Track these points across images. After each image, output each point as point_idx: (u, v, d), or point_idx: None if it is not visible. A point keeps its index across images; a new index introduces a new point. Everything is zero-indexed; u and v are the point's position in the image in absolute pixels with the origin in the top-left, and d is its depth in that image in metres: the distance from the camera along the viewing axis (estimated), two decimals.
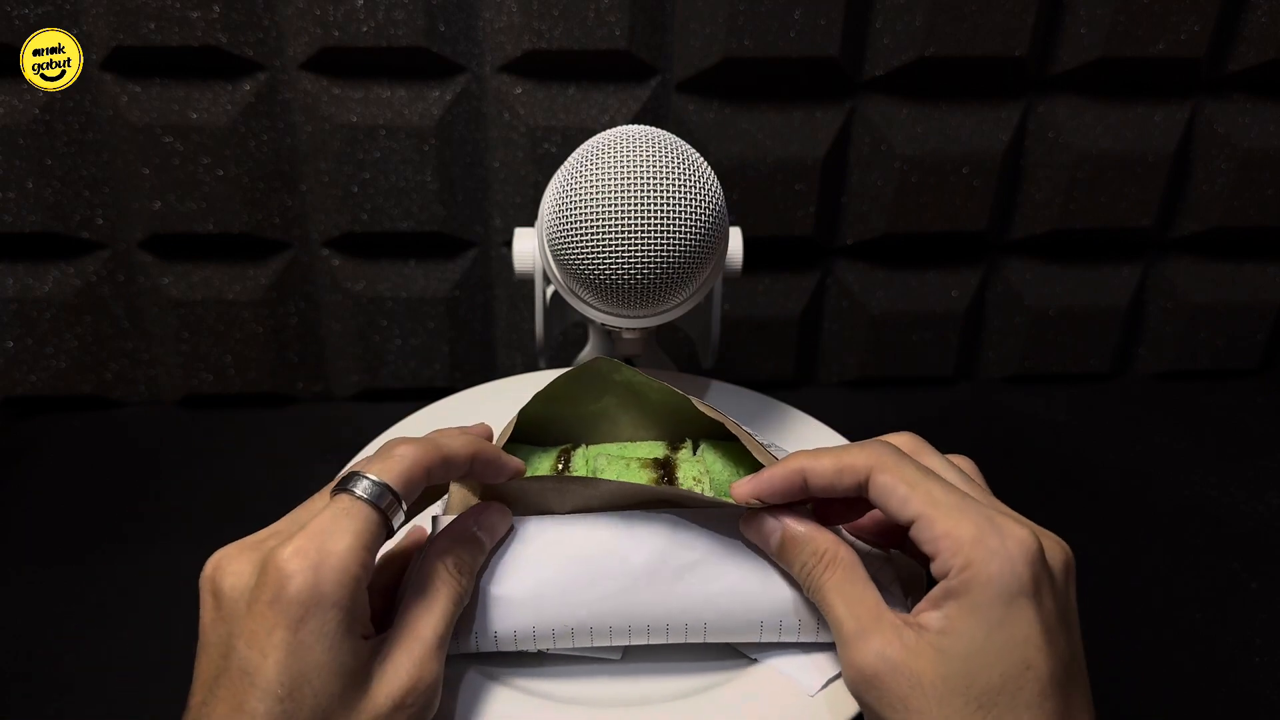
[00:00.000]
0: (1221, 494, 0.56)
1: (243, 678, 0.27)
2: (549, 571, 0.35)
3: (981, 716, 0.28)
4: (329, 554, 0.28)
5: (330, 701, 0.28)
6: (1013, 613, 0.29)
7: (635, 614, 0.35)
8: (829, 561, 0.32)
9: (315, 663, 0.28)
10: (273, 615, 0.28)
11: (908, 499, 0.31)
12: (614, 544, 0.34)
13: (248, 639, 0.28)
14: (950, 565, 0.29)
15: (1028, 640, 0.29)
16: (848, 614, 0.31)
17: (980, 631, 0.29)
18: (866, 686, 0.30)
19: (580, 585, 0.34)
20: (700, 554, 0.35)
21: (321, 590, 0.28)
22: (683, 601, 0.35)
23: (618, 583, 0.34)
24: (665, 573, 0.34)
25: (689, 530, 0.35)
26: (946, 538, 0.30)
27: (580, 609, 0.34)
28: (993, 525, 0.30)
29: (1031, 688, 0.28)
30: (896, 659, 0.29)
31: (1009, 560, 0.29)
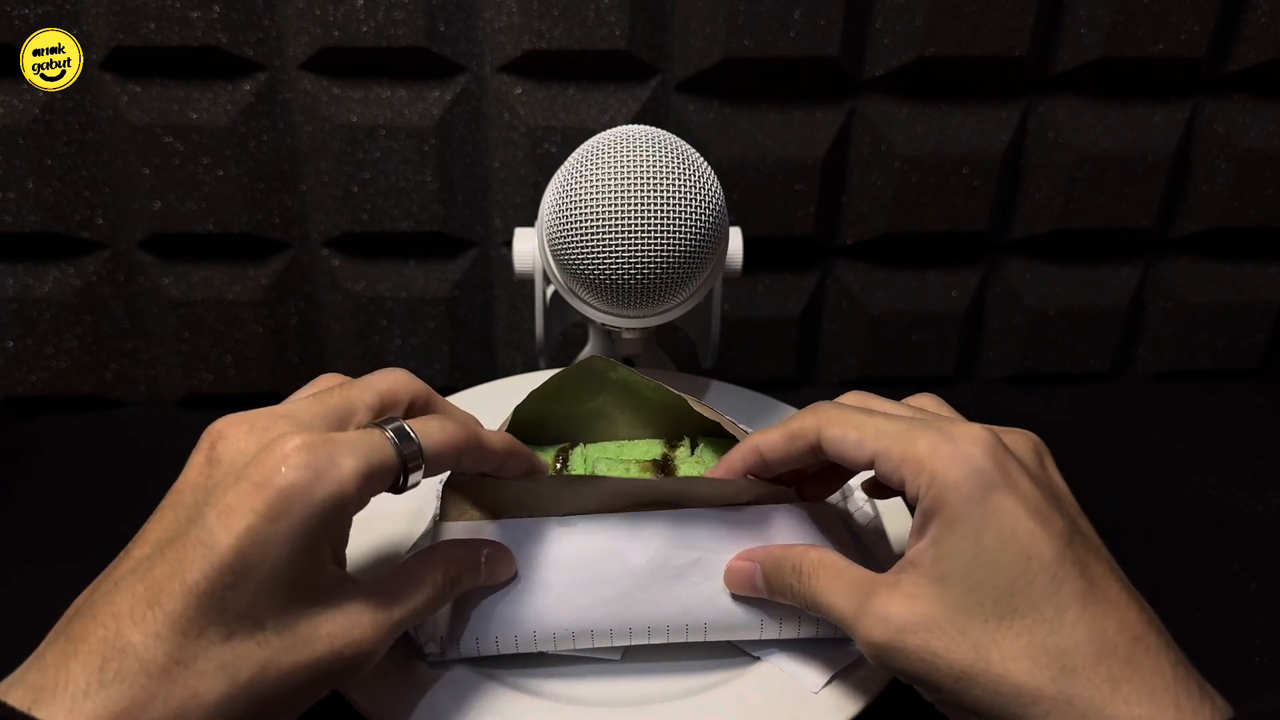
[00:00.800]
0: (1221, 494, 0.56)
1: (197, 546, 0.26)
2: (549, 575, 0.35)
3: (1008, 626, 0.27)
4: (334, 465, 0.27)
5: (270, 604, 0.26)
6: (991, 509, 0.28)
7: (636, 615, 0.35)
8: (807, 570, 0.32)
9: (272, 559, 0.26)
10: (255, 497, 0.26)
11: (860, 442, 0.31)
12: (614, 546, 0.35)
13: (220, 510, 0.26)
14: (917, 486, 0.29)
15: (1016, 531, 0.28)
16: (842, 602, 0.30)
17: (968, 542, 0.28)
18: (888, 658, 0.29)
19: (580, 588, 0.34)
20: (700, 554, 0.35)
21: (311, 494, 0.27)
22: (684, 602, 0.35)
23: (618, 585, 0.34)
24: (665, 574, 0.35)
25: (689, 531, 0.35)
26: (905, 462, 0.29)
27: (581, 611, 0.34)
28: (944, 434, 0.29)
29: (1040, 577, 0.27)
30: (901, 616, 0.29)
31: (967, 459, 0.28)
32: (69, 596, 0.28)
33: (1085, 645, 0.27)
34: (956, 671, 0.27)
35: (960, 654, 0.27)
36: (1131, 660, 0.26)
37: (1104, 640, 0.27)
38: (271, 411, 0.30)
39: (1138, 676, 0.26)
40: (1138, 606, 0.28)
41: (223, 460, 0.29)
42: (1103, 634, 0.27)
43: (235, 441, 0.29)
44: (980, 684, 0.27)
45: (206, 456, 0.29)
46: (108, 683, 0.24)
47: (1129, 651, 0.27)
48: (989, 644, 0.27)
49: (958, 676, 0.27)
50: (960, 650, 0.27)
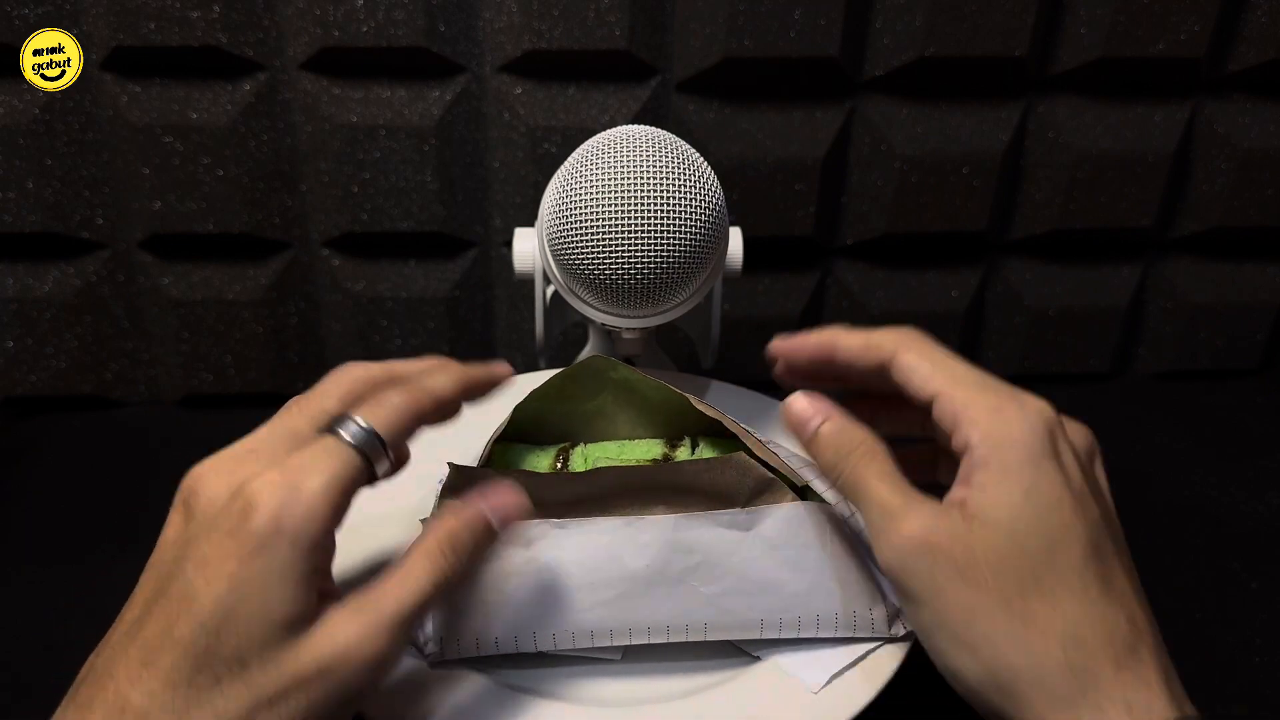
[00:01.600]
0: (1221, 494, 0.56)
1: (180, 601, 0.26)
2: (549, 577, 0.35)
3: (1034, 584, 0.28)
4: (300, 490, 0.27)
5: (252, 644, 0.26)
6: (1041, 475, 0.29)
7: (636, 617, 0.35)
8: (870, 451, 0.31)
9: (253, 600, 0.26)
10: (229, 544, 0.27)
11: (931, 376, 0.31)
12: (614, 550, 0.34)
13: (197, 563, 0.27)
14: (970, 436, 0.30)
15: (1061, 502, 0.29)
16: (892, 492, 0.30)
17: (1017, 495, 0.29)
18: (920, 555, 0.29)
19: (580, 591, 0.34)
20: (701, 557, 0.35)
21: (282, 525, 0.27)
22: (683, 604, 0.35)
23: (617, 588, 0.34)
24: (665, 578, 0.35)
25: (689, 533, 0.35)
26: (967, 409, 0.30)
27: (580, 613, 0.34)
28: (1013, 396, 0.30)
29: (1076, 548, 0.28)
30: (950, 529, 0.29)
31: (1029, 424, 0.29)
32: (69, 596, 0.29)
33: (1098, 624, 0.27)
34: (974, 608, 0.28)
35: (984, 595, 0.28)
36: (1134, 651, 0.27)
37: (1114, 627, 0.28)
38: (237, 450, 0.30)
39: (1138, 666, 0.27)
40: (1145, 610, 0.29)
41: (196, 513, 0.29)
42: (1115, 621, 0.28)
43: (208, 491, 0.29)
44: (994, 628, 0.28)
45: (183, 512, 0.30)
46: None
47: (1133, 644, 0.28)
48: (1015, 594, 0.28)
49: (971, 613, 0.28)
50: (986, 591, 0.28)
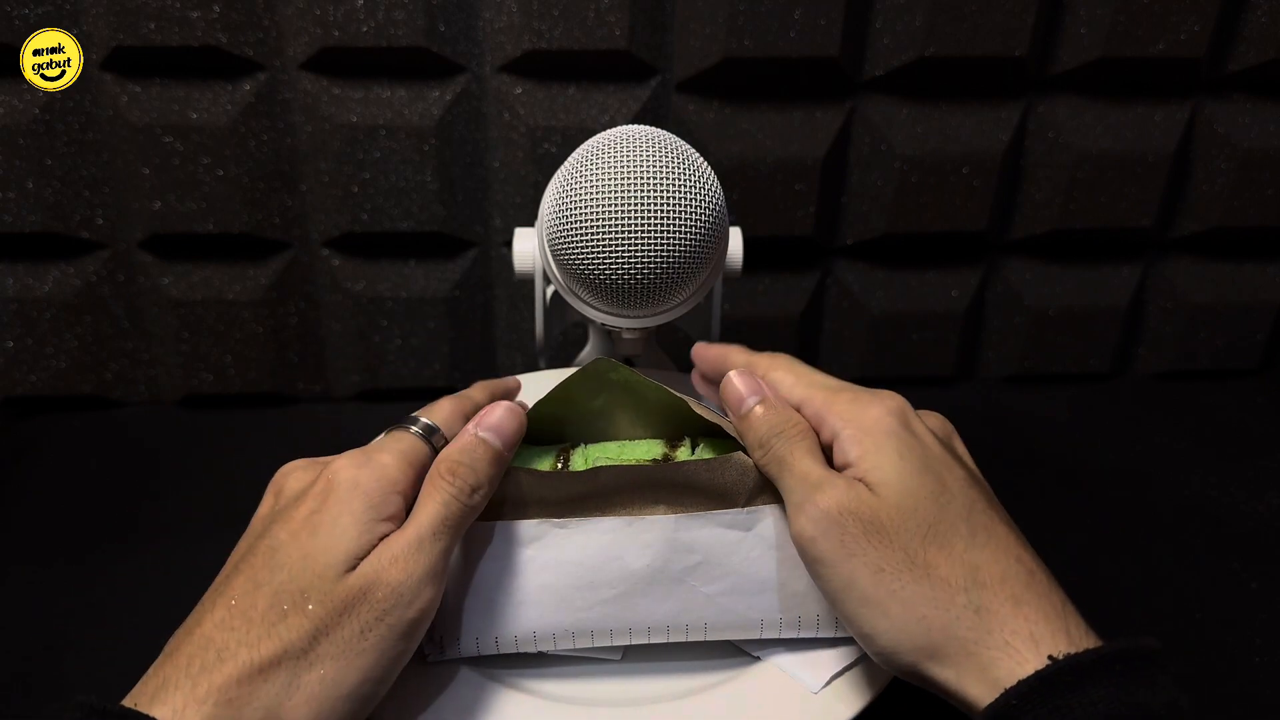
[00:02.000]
0: (1221, 494, 0.56)
1: (267, 553, 0.30)
2: (549, 576, 0.35)
3: (931, 535, 0.30)
4: (373, 459, 0.33)
5: (314, 578, 0.30)
6: (908, 439, 0.32)
7: (635, 617, 0.35)
8: (800, 431, 0.34)
9: (322, 539, 0.30)
10: (312, 506, 0.31)
11: (794, 385, 0.35)
12: (614, 549, 0.35)
13: (284, 521, 0.31)
14: (836, 426, 0.33)
15: (928, 460, 0.32)
16: (815, 466, 0.32)
17: (894, 458, 0.31)
18: (834, 521, 0.30)
19: (579, 590, 0.34)
20: (701, 556, 0.35)
21: (358, 483, 0.32)
22: (683, 603, 0.35)
23: (617, 588, 0.34)
24: (665, 577, 0.35)
25: (690, 533, 0.35)
26: (829, 406, 0.34)
27: (580, 612, 0.34)
28: (868, 392, 0.35)
29: (955, 502, 0.31)
30: (858, 495, 0.31)
31: (884, 408, 0.33)
32: (69, 596, 0.29)
33: (991, 565, 0.29)
34: (879, 562, 0.30)
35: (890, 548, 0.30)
36: (1031, 586, 0.29)
37: (1005, 566, 0.29)
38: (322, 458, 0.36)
39: (1035, 601, 0.29)
40: (1032, 553, 0.31)
41: (287, 491, 0.34)
42: (1005, 561, 0.30)
43: (297, 476, 0.35)
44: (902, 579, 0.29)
45: (274, 493, 0.35)
46: (195, 674, 0.27)
47: (1027, 580, 0.29)
48: (915, 545, 0.30)
49: (879, 567, 0.30)
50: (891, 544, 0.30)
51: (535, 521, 0.35)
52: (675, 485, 0.35)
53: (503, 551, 0.35)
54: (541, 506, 0.35)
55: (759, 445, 0.34)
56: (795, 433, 0.34)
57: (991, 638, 0.28)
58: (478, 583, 0.35)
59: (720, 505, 0.35)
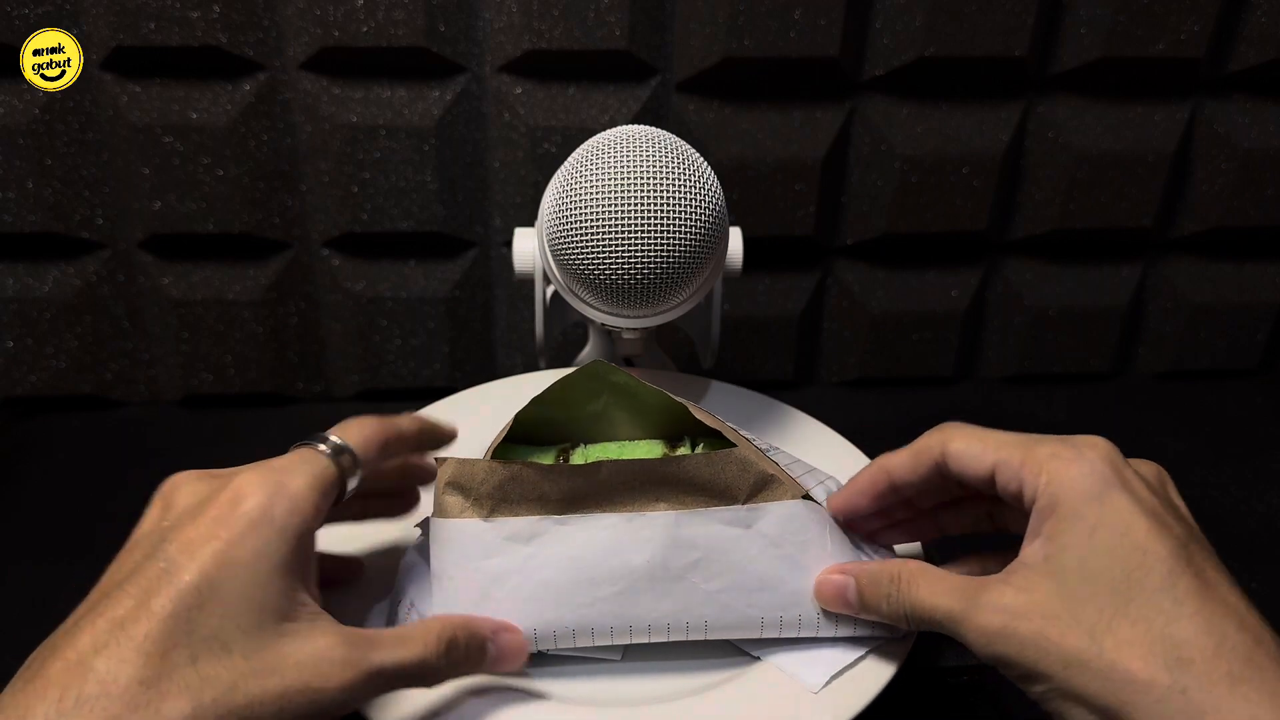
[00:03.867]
0: (1222, 494, 0.56)
1: (160, 576, 0.26)
2: (550, 573, 0.34)
3: (1123, 616, 0.27)
4: (286, 485, 0.29)
5: (234, 627, 0.26)
6: (1109, 507, 0.29)
7: (636, 614, 0.35)
8: (906, 578, 0.32)
9: (240, 579, 0.27)
10: (216, 528, 0.27)
11: (983, 452, 0.32)
12: (613, 546, 0.34)
13: (181, 543, 0.27)
14: (1035, 487, 0.30)
15: (1132, 527, 0.28)
16: (949, 601, 0.30)
17: (1083, 536, 0.28)
18: (1001, 643, 0.29)
19: (579, 587, 0.34)
20: (701, 553, 0.35)
21: (271, 514, 0.28)
22: (684, 600, 0.35)
23: (617, 585, 0.34)
24: (665, 574, 0.34)
25: (690, 530, 0.35)
26: (1025, 465, 0.30)
27: (580, 610, 0.34)
28: (1066, 442, 0.31)
29: (1158, 569, 0.27)
30: (1016, 603, 0.29)
31: (1086, 461, 0.30)
32: (68, 595, 0.28)
33: (1203, 638, 0.26)
34: (1068, 657, 0.27)
35: (1073, 640, 0.27)
36: (1252, 660, 0.26)
37: (1223, 636, 0.26)
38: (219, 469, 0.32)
39: (1258, 676, 0.25)
40: (1256, 613, 0.28)
41: (178, 505, 0.30)
42: (1221, 631, 0.26)
43: (190, 487, 0.30)
44: (1091, 670, 0.27)
45: (162, 505, 0.30)
46: (67, 712, 0.24)
47: (1249, 652, 0.26)
48: (1104, 631, 0.27)
49: (1068, 663, 0.27)
50: (1074, 636, 0.27)
51: (535, 518, 0.35)
52: (676, 481, 0.35)
53: (502, 549, 0.35)
54: (541, 503, 0.35)
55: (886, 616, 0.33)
56: (903, 578, 0.32)
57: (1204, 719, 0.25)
58: (477, 580, 0.35)
59: (721, 502, 0.35)
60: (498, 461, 0.35)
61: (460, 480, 0.35)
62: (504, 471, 0.35)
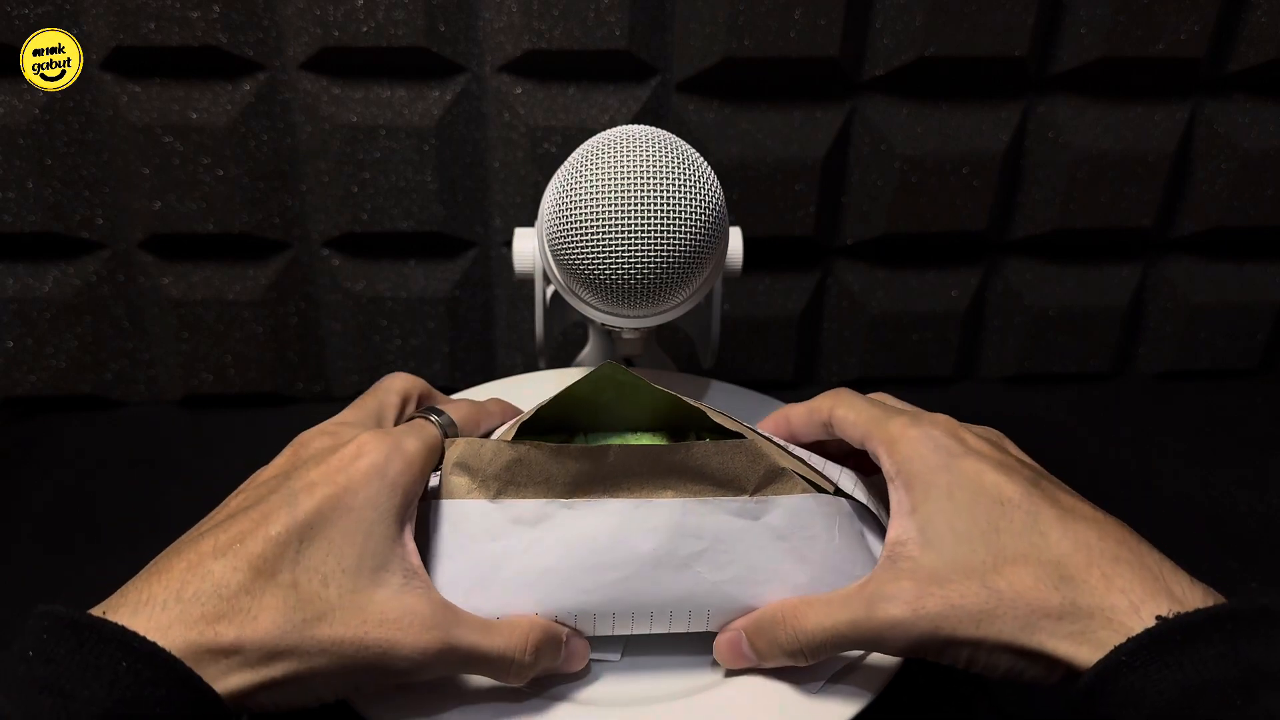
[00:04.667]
0: (1222, 494, 0.56)
1: (280, 507, 0.30)
2: (554, 558, 0.34)
3: (1004, 560, 0.29)
4: (402, 447, 0.32)
5: (336, 567, 0.29)
6: (957, 471, 0.31)
7: (639, 601, 0.34)
8: (788, 614, 0.33)
9: (348, 522, 0.30)
10: (336, 474, 0.31)
11: (856, 422, 0.35)
12: (620, 533, 0.34)
13: (305, 484, 0.30)
14: (889, 465, 0.33)
15: (983, 483, 0.31)
16: (842, 612, 0.31)
17: (943, 502, 0.31)
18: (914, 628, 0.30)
19: (584, 571, 0.34)
20: (707, 543, 0.35)
21: (386, 470, 0.31)
22: (688, 589, 0.35)
23: (623, 570, 0.34)
24: (671, 562, 0.34)
25: (698, 518, 0.35)
26: (882, 443, 0.33)
27: (583, 594, 0.34)
28: (914, 418, 0.34)
29: (1018, 510, 0.30)
30: (912, 586, 0.30)
31: (929, 435, 0.32)
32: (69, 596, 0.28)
33: (1075, 554, 0.29)
34: (977, 613, 0.29)
35: (975, 595, 0.29)
36: (1119, 559, 0.29)
37: (1089, 547, 0.29)
38: (337, 420, 0.36)
39: (1128, 571, 0.28)
40: (1115, 521, 0.31)
41: (309, 451, 0.34)
42: (1087, 543, 0.29)
43: (318, 440, 0.34)
44: (1000, 615, 0.28)
45: (293, 451, 0.34)
46: (185, 599, 0.27)
47: (1115, 552, 0.29)
48: (994, 577, 0.29)
49: (979, 618, 0.29)
50: (973, 592, 0.29)
51: (542, 501, 0.34)
52: (684, 469, 0.35)
53: (508, 531, 0.34)
54: (548, 486, 0.35)
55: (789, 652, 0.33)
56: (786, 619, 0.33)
57: (1094, 620, 0.28)
58: (480, 561, 0.34)
59: (729, 492, 0.35)
60: (505, 442, 0.35)
61: (468, 460, 0.35)
62: (512, 452, 0.34)
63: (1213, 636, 0.26)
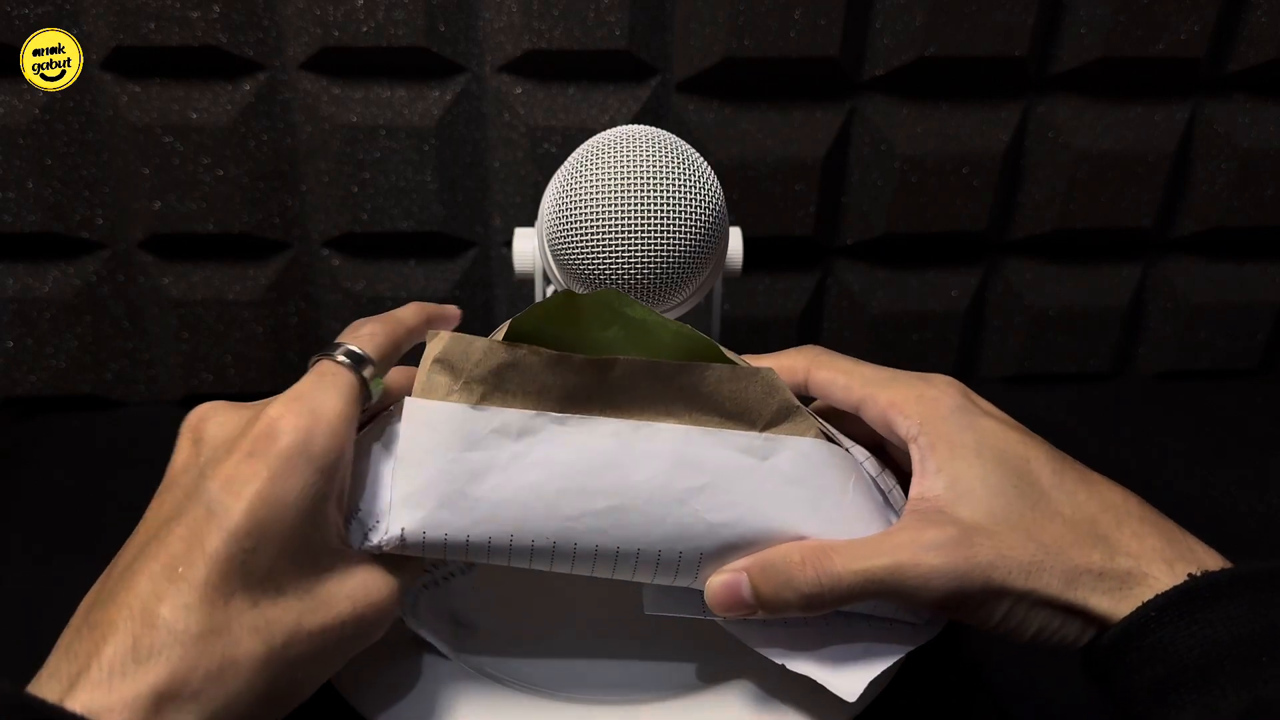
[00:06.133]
0: (1222, 494, 0.56)
1: (208, 516, 0.26)
2: (536, 475, 0.31)
3: (1041, 513, 0.30)
4: (320, 413, 0.29)
5: (287, 567, 0.27)
6: (980, 430, 0.31)
7: (626, 536, 0.31)
8: (815, 554, 0.30)
9: (286, 519, 0.27)
10: (256, 463, 0.27)
11: (849, 386, 0.34)
12: (615, 456, 0.31)
13: (223, 481, 0.27)
14: (907, 427, 0.32)
15: (1008, 440, 0.31)
16: (878, 556, 0.29)
17: (972, 458, 0.31)
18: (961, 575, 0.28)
19: (570, 497, 0.31)
20: (709, 478, 0.31)
21: (310, 447, 0.28)
22: (681, 528, 0.31)
23: (612, 499, 0.31)
24: (666, 495, 0.31)
25: (700, 450, 0.31)
26: (892, 406, 0.33)
27: (566, 523, 0.31)
28: (922, 379, 0.34)
29: (1044, 469, 0.31)
30: (956, 534, 0.29)
31: (948, 396, 0.33)
32: (69, 596, 0.28)
33: (1104, 514, 0.30)
34: (1028, 563, 0.29)
35: (1022, 547, 0.29)
36: (1145, 519, 0.30)
37: (1116, 508, 0.30)
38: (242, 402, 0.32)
39: (1154, 531, 0.29)
40: (1123, 487, 0.32)
41: (211, 439, 0.29)
42: (1113, 504, 0.30)
43: (219, 420, 0.30)
44: (1049, 568, 0.29)
45: (193, 440, 0.30)
46: (143, 659, 0.24)
47: (1140, 513, 0.30)
48: (1038, 531, 0.29)
49: (1029, 569, 0.29)
50: (1020, 545, 0.29)
51: (531, 413, 0.31)
52: (693, 394, 0.32)
53: (488, 441, 0.31)
54: (541, 397, 0.31)
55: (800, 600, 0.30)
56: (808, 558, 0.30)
57: (1132, 576, 0.28)
58: (453, 473, 0.30)
59: (739, 424, 0.32)
60: (499, 342, 0.31)
61: (452, 358, 0.32)
62: (505, 354, 0.31)
63: (1241, 594, 0.27)
